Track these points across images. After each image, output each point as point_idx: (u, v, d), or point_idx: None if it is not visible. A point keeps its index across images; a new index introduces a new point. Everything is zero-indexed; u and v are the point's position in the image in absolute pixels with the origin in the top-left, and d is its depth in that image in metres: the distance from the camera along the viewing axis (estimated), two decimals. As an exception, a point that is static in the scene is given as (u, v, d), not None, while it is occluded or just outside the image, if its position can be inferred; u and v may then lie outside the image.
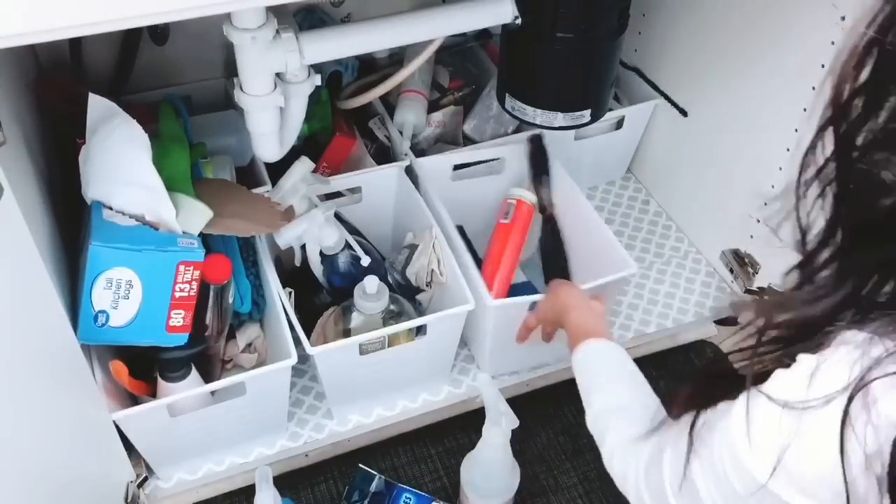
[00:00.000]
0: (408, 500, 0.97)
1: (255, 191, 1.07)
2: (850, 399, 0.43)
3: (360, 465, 1.01)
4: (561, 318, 0.88)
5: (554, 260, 1.15)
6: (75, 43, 1.12)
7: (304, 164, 1.03)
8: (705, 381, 0.60)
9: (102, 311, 0.82)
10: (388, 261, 1.12)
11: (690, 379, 0.59)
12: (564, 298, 0.90)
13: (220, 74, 1.24)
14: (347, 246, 1.05)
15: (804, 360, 0.47)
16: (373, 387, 1.03)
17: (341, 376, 0.98)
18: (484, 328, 1.02)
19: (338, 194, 1.13)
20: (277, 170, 1.13)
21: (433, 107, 1.26)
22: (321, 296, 1.08)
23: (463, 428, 1.08)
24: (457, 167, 1.20)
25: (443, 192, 1.11)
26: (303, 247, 1.05)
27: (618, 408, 0.73)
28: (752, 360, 0.51)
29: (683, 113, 1.26)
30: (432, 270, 1.04)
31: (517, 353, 1.04)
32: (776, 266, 1.13)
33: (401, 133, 1.20)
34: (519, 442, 1.05)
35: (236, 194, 1.00)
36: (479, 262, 1.08)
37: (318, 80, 0.93)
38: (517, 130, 1.26)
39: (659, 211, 1.36)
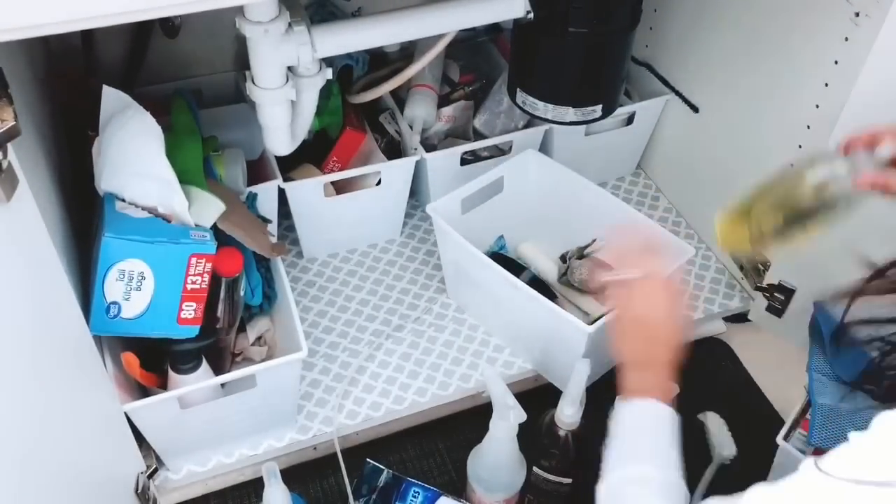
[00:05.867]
0: (416, 494, 0.97)
1: (265, 184, 1.08)
2: None
3: (368, 459, 1.01)
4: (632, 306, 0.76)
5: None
6: (87, 35, 1.12)
7: None
8: None
9: (114, 303, 0.83)
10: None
11: None
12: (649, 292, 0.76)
13: (231, 68, 1.24)
14: None
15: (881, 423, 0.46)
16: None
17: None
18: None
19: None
20: (288, 163, 1.14)
21: (443, 101, 1.26)
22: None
23: (471, 422, 1.08)
24: (464, 161, 1.20)
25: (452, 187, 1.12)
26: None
27: (640, 481, 0.65)
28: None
29: (694, 109, 1.25)
30: None
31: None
32: (786, 263, 1.12)
33: (411, 128, 1.20)
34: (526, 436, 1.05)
35: (240, 208, 1.00)
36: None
37: (329, 73, 0.94)
38: (528, 125, 1.26)
39: (669, 207, 1.36)
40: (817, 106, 0.99)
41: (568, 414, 0.86)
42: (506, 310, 1.07)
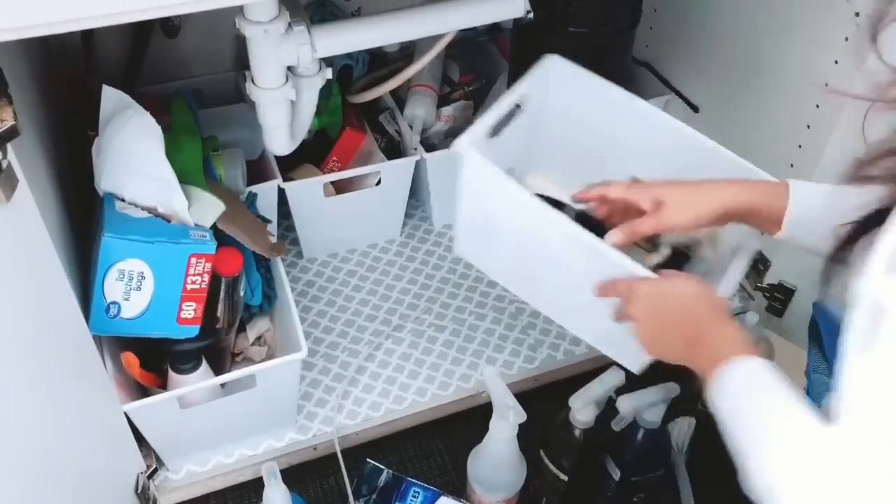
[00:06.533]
0: (416, 494, 0.97)
1: (265, 184, 1.08)
2: None
3: (368, 459, 1.01)
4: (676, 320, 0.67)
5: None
6: (87, 35, 1.12)
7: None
8: None
9: (114, 303, 0.83)
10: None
11: None
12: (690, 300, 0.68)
13: (231, 68, 1.24)
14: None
15: None
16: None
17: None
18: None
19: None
20: (288, 163, 1.14)
21: (443, 101, 1.26)
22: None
23: (471, 422, 1.08)
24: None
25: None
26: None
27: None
28: None
29: (694, 109, 1.25)
30: None
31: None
32: (786, 263, 1.12)
33: (411, 127, 1.20)
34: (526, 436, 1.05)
35: (240, 208, 1.00)
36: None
37: (329, 73, 0.94)
38: (527, 125, 1.25)
39: (669, 207, 1.35)
40: (817, 106, 0.99)
41: (582, 415, 0.88)
42: (553, 271, 0.83)
